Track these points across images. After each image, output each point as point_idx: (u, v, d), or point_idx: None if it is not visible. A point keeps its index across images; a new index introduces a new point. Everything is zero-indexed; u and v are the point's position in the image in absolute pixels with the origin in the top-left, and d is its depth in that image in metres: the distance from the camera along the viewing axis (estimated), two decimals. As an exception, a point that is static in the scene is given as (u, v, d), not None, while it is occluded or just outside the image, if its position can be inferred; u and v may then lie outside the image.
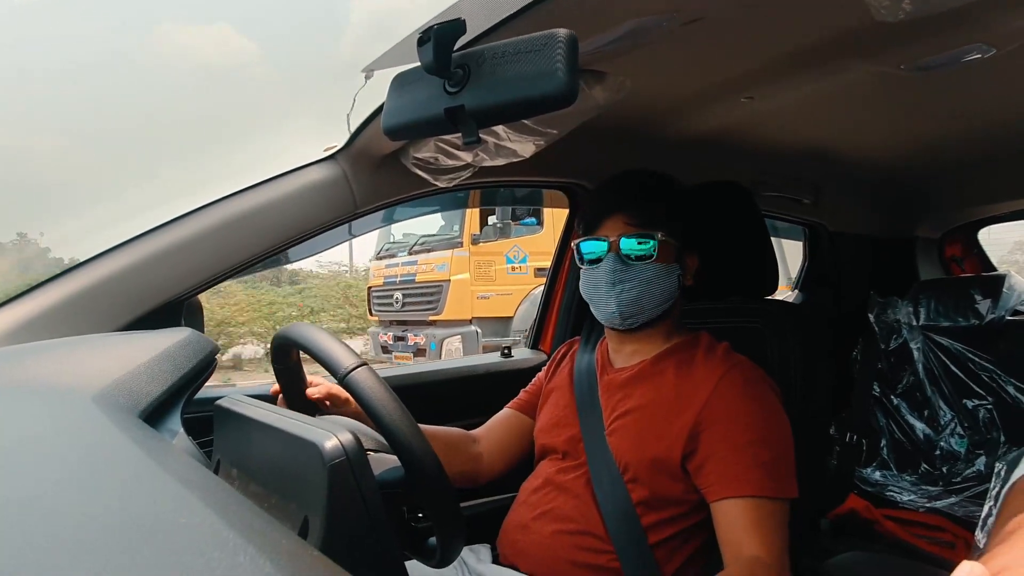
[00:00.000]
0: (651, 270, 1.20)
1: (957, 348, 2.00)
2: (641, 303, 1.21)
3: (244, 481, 0.81)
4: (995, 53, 1.11)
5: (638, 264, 1.20)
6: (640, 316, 1.22)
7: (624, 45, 1.01)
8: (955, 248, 2.61)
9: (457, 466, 1.30)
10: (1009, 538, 0.46)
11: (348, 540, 0.67)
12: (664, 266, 1.21)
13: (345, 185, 1.33)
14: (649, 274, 1.20)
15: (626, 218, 1.21)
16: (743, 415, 1.13)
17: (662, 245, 1.20)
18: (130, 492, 0.47)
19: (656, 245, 1.19)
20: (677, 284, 1.24)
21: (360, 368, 0.83)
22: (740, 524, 1.07)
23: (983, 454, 1.91)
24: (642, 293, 1.20)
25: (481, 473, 1.36)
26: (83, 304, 1.12)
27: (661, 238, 1.20)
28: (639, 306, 1.21)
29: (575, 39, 0.71)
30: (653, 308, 1.22)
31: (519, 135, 1.18)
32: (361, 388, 0.82)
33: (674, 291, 1.23)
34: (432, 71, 0.76)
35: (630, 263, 1.20)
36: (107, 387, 0.78)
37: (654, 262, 1.20)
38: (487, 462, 1.37)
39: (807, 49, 1.13)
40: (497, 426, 1.41)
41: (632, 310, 1.21)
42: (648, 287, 1.20)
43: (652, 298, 1.21)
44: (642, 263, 1.20)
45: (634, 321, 1.23)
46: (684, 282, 1.26)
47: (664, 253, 1.21)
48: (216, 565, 0.36)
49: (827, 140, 1.79)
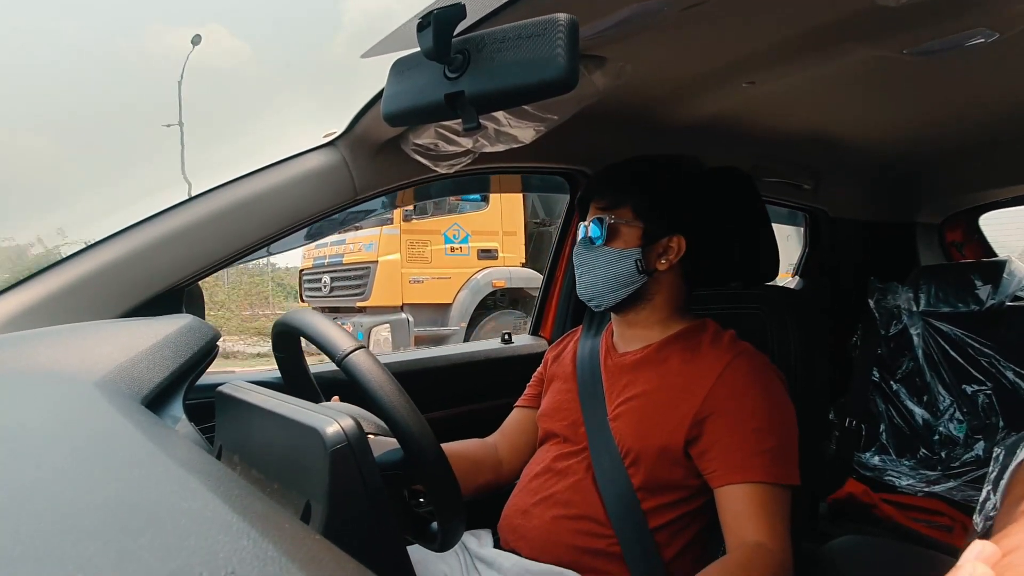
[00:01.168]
0: (604, 254, 1.22)
1: (957, 334, 2.00)
2: (597, 286, 1.23)
3: (246, 467, 0.82)
4: (998, 38, 1.10)
5: (595, 248, 1.23)
6: (600, 299, 1.24)
7: (625, 30, 1.01)
8: (956, 234, 2.60)
9: (484, 479, 1.32)
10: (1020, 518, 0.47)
11: (350, 525, 0.68)
12: (617, 251, 1.22)
13: (345, 171, 1.33)
14: (603, 258, 1.22)
15: (596, 203, 1.26)
16: (749, 402, 1.13)
17: (622, 228, 1.22)
18: (132, 477, 0.47)
19: (606, 230, 1.22)
20: (634, 268, 1.22)
21: (358, 351, 0.83)
22: (744, 510, 1.08)
23: (982, 439, 1.92)
24: (596, 277, 1.23)
25: (503, 478, 1.37)
26: (85, 291, 1.12)
27: (613, 221, 1.22)
28: (596, 289, 1.24)
29: (576, 24, 0.70)
30: (612, 291, 1.23)
31: (519, 121, 1.17)
32: (359, 371, 0.82)
33: (632, 275, 1.22)
34: (432, 57, 0.75)
35: (590, 247, 1.24)
36: (109, 373, 0.79)
37: (606, 245, 1.22)
38: (508, 467, 1.37)
39: (809, 34, 1.12)
40: (511, 430, 1.41)
41: (590, 292, 1.25)
42: (601, 271, 1.22)
43: (606, 281, 1.22)
44: (600, 247, 1.23)
45: (598, 303, 1.25)
46: (652, 266, 1.23)
47: (621, 237, 1.22)
48: (219, 549, 0.36)
49: (828, 125, 1.78)
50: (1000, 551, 0.39)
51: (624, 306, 1.25)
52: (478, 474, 1.31)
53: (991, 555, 0.39)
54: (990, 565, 0.38)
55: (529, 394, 1.44)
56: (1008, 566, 0.39)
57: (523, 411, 1.43)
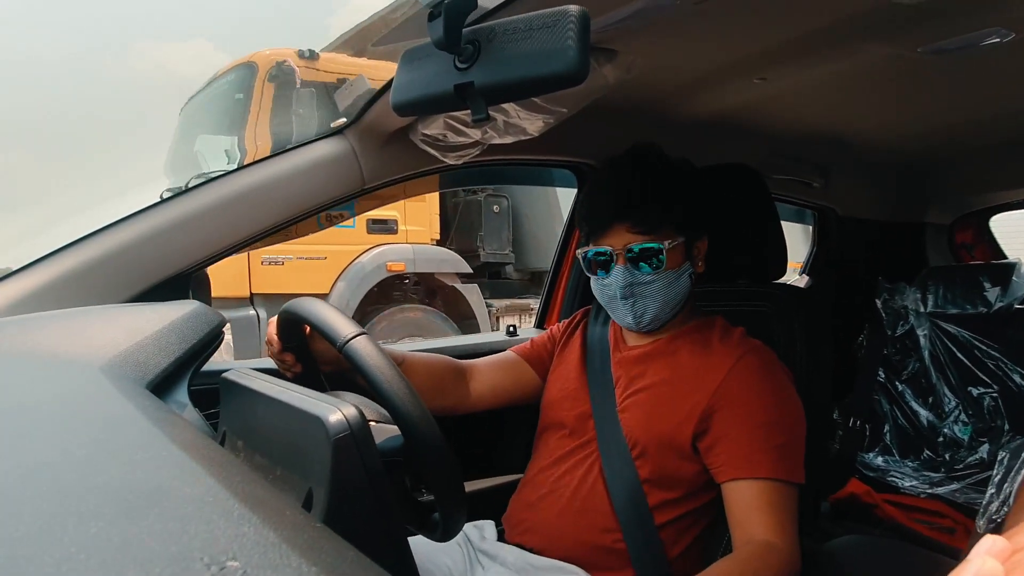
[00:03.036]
0: (663, 279, 1.18)
1: (964, 335, 1.99)
2: (655, 310, 1.20)
3: (249, 453, 0.82)
4: (1013, 37, 1.09)
5: (648, 274, 1.18)
6: (657, 320, 1.22)
7: (636, 23, 1.00)
8: (966, 235, 2.59)
9: (440, 403, 1.27)
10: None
11: (351, 513, 0.68)
12: (675, 271, 1.19)
13: (353, 160, 1.33)
14: (661, 283, 1.18)
15: (630, 226, 1.17)
16: (758, 398, 1.13)
17: (671, 252, 1.17)
18: (137, 462, 0.47)
19: (665, 254, 1.17)
20: (690, 281, 1.23)
21: (359, 337, 0.83)
22: (751, 506, 1.08)
23: (987, 442, 1.91)
24: (656, 301, 1.19)
25: (461, 410, 1.33)
26: (91, 276, 1.13)
27: (669, 246, 1.17)
28: (654, 313, 1.20)
29: (587, 16, 0.70)
30: (669, 311, 1.22)
31: (528, 113, 1.17)
32: (360, 357, 0.82)
33: (688, 288, 1.23)
34: (442, 47, 0.75)
35: (641, 274, 1.18)
36: (115, 358, 0.79)
37: (665, 270, 1.18)
38: (472, 400, 1.33)
39: (822, 30, 1.11)
40: (495, 367, 1.38)
41: (648, 317, 1.21)
42: (662, 295, 1.19)
43: (666, 304, 1.20)
44: (653, 273, 1.18)
45: (652, 325, 1.23)
46: (695, 272, 1.24)
47: (673, 257, 1.18)
48: (220, 534, 0.36)
49: (839, 123, 1.77)
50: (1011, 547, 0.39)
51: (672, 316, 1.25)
52: (437, 396, 1.26)
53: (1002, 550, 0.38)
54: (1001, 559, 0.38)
55: (529, 349, 1.41)
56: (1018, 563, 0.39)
57: (517, 359, 1.40)
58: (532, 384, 1.38)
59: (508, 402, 1.37)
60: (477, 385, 1.34)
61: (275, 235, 1.31)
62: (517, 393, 1.37)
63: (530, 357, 1.40)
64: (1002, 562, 0.37)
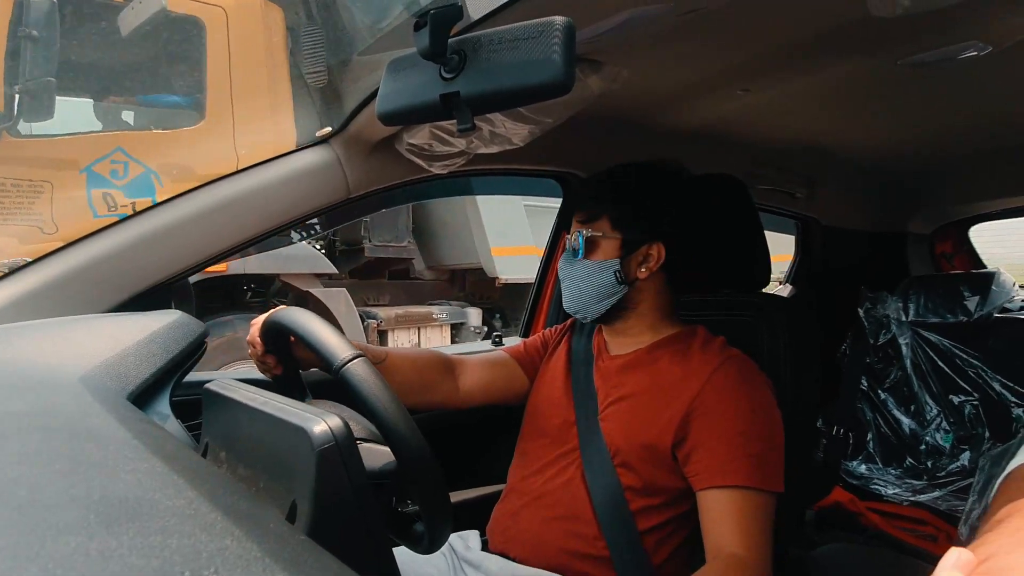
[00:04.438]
0: (585, 267, 1.23)
1: (945, 344, 2.01)
2: (580, 299, 1.24)
3: (232, 465, 0.81)
4: (990, 51, 1.11)
5: (577, 261, 1.24)
6: (584, 311, 1.25)
7: (621, 34, 1.01)
8: (946, 245, 2.62)
9: (425, 397, 1.29)
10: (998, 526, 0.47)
11: (336, 525, 0.67)
12: (596, 263, 1.22)
13: (338, 170, 1.32)
14: (583, 271, 1.23)
15: (577, 216, 1.26)
16: (735, 406, 1.13)
17: (600, 241, 1.22)
18: (117, 474, 0.47)
19: (584, 243, 1.22)
20: (614, 279, 1.22)
21: (355, 361, 0.82)
22: (723, 515, 1.08)
23: (968, 449, 1.93)
24: (579, 289, 1.23)
25: (451, 405, 1.34)
26: (72, 285, 1.11)
27: (590, 234, 1.22)
28: (580, 301, 1.24)
29: (572, 27, 0.70)
30: (595, 303, 1.23)
31: (514, 122, 1.17)
32: (356, 383, 0.80)
33: (612, 285, 1.22)
34: (428, 56, 0.75)
35: (572, 261, 1.25)
36: (95, 368, 0.78)
37: (586, 258, 1.23)
38: (462, 397, 1.34)
39: (804, 42, 1.13)
40: (490, 366, 1.38)
41: (575, 305, 1.25)
42: (583, 283, 1.23)
43: (589, 293, 1.23)
44: (578, 260, 1.23)
45: (583, 315, 1.26)
46: (632, 275, 1.23)
47: (603, 249, 1.22)
48: (202, 548, 0.36)
49: (822, 134, 1.79)
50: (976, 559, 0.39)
51: (609, 317, 1.26)
52: (425, 391, 1.29)
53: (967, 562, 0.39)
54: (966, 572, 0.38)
55: (521, 351, 1.42)
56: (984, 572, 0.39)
57: (507, 358, 1.40)
58: (521, 385, 1.38)
59: (497, 401, 1.38)
60: (467, 381, 1.34)
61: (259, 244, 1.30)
62: (507, 393, 1.38)
63: (522, 359, 1.40)
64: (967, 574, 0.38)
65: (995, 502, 0.55)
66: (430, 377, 1.30)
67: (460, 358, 1.37)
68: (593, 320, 1.27)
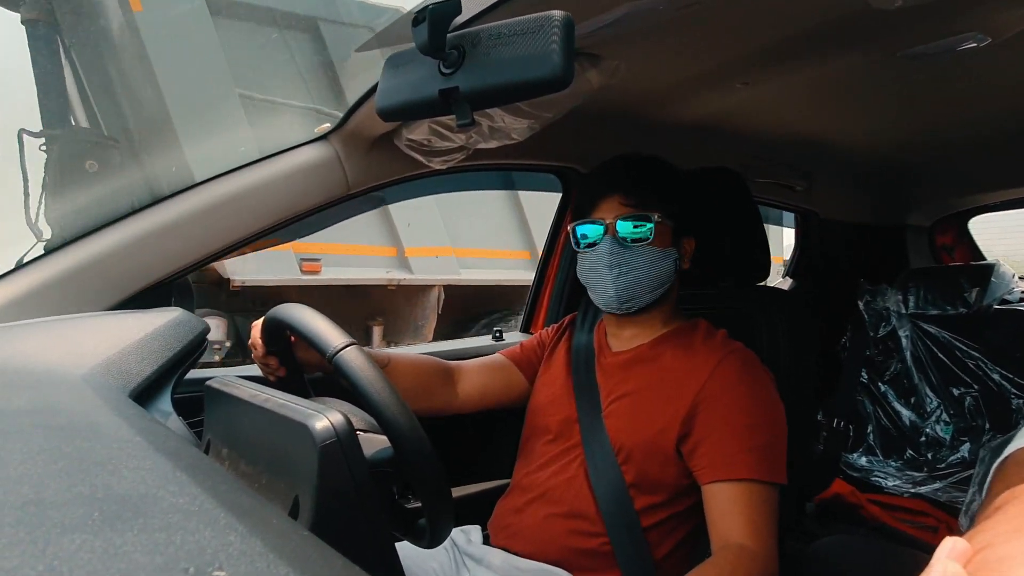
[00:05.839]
0: (648, 253, 1.19)
1: (945, 336, 2.02)
2: (638, 287, 1.20)
3: (234, 461, 0.82)
4: (989, 42, 1.11)
5: (635, 247, 1.19)
6: (638, 300, 1.22)
7: (620, 28, 1.01)
8: (946, 237, 2.62)
9: (424, 403, 1.27)
10: (995, 514, 0.46)
11: (338, 520, 0.67)
12: (661, 250, 1.20)
13: (337, 166, 1.32)
14: (646, 257, 1.19)
15: (622, 199, 1.20)
16: (739, 399, 1.14)
17: (659, 227, 1.19)
18: (120, 471, 0.47)
19: (652, 228, 1.18)
20: (674, 268, 1.23)
21: (349, 348, 0.83)
22: (730, 508, 1.08)
23: (968, 441, 1.93)
24: (639, 277, 1.20)
25: (449, 411, 1.33)
26: (73, 283, 1.11)
27: (657, 220, 1.19)
28: (636, 290, 1.20)
29: (571, 21, 0.70)
30: (650, 292, 1.22)
31: (513, 117, 1.17)
32: (350, 369, 0.81)
33: (671, 275, 1.23)
34: (427, 52, 0.75)
35: (627, 246, 1.19)
36: (97, 366, 0.78)
37: (650, 245, 1.19)
38: (461, 402, 1.33)
39: (803, 35, 1.13)
40: (487, 371, 1.38)
41: (629, 294, 1.20)
42: (645, 270, 1.19)
43: (649, 282, 1.20)
44: (639, 246, 1.19)
45: (632, 305, 1.22)
46: (681, 266, 1.25)
47: (661, 236, 1.20)
48: (206, 544, 0.36)
49: (821, 127, 1.78)
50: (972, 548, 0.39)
51: (651, 306, 1.24)
52: (425, 397, 1.27)
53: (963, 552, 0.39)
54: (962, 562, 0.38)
55: (519, 353, 1.41)
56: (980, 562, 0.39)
57: (504, 361, 1.40)
58: (520, 388, 1.38)
59: (496, 405, 1.37)
60: (465, 386, 1.34)
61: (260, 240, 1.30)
62: (505, 396, 1.37)
63: (519, 361, 1.40)
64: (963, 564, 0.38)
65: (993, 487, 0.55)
66: (430, 383, 1.29)
67: (458, 363, 1.36)
68: (638, 310, 1.23)
